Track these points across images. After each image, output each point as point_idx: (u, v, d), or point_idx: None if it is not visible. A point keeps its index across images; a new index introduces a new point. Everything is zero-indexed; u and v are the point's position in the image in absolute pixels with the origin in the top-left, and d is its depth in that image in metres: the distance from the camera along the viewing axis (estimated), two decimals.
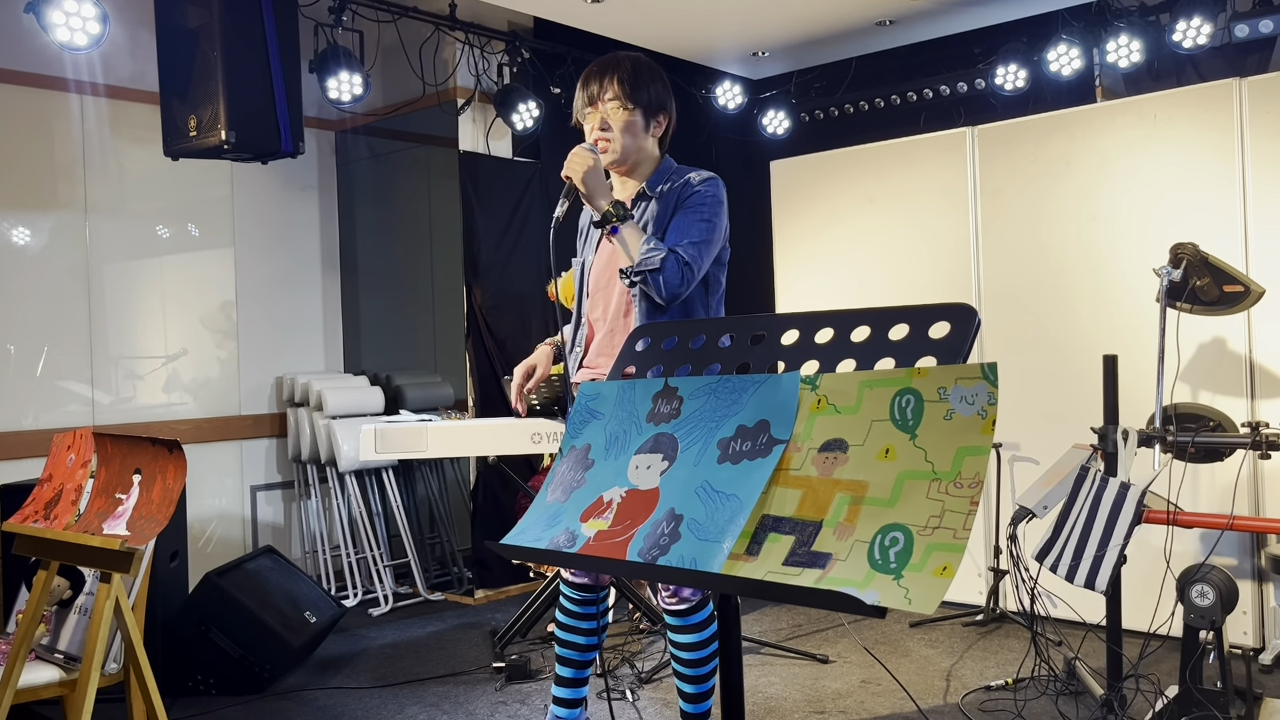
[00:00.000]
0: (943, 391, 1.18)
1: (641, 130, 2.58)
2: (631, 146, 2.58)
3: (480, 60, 5.11)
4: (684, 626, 2.61)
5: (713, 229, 2.50)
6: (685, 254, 2.44)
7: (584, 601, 2.75)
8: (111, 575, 2.39)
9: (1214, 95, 3.97)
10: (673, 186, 2.57)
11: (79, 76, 4.46)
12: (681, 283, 2.44)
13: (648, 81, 2.58)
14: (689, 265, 2.44)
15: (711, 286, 2.60)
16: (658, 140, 2.65)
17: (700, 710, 2.70)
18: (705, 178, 2.57)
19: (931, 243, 4.71)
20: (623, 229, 2.49)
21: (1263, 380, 3.85)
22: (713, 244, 2.51)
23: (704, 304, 2.60)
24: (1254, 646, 3.84)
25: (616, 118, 2.56)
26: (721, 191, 2.57)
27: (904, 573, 1.10)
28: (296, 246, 5.39)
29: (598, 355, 2.68)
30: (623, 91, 2.54)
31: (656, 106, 2.60)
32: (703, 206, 2.51)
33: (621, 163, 2.60)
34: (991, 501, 4.45)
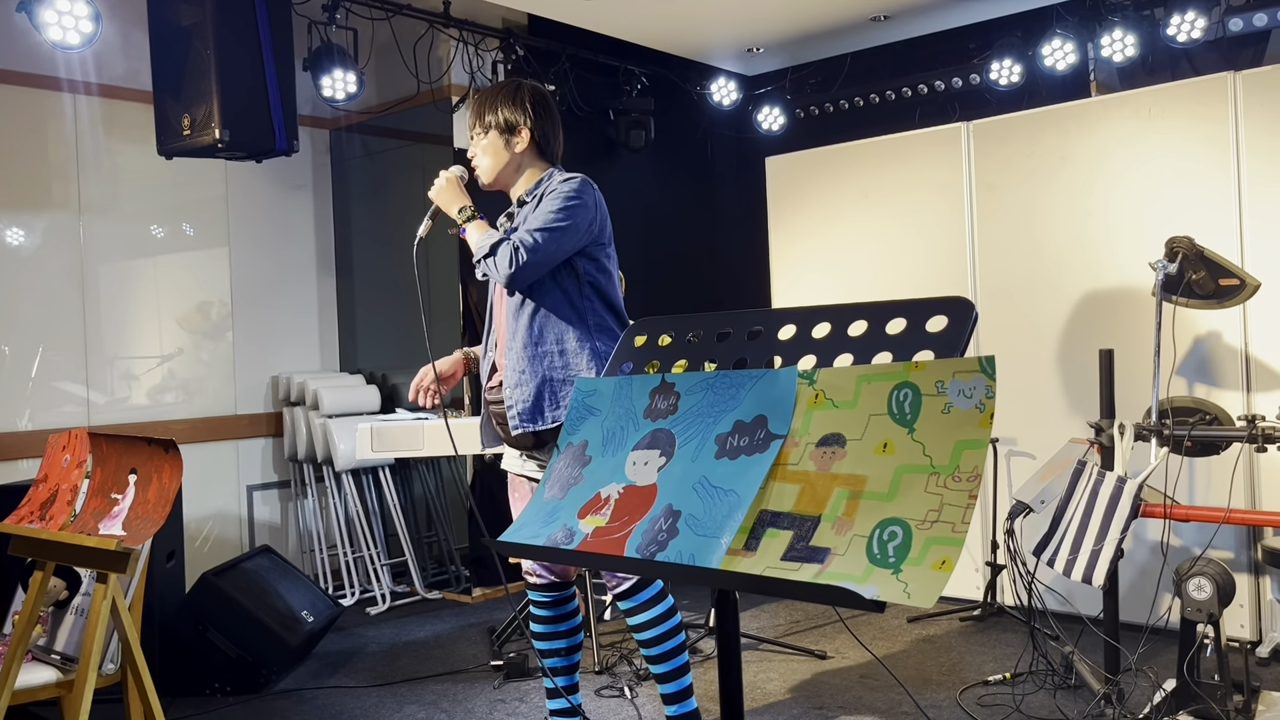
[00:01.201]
0: (940, 385, 1.18)
1: (501, 149, 2.73)
2: (494, 166, 2.74)
3: (475, 57, 5.10)
4: (633, 607, 2.68)
5: (561, 218, 2.59)
6: (519, 238, 2.56)
7: (554, 603, 2.78)
8: (108, 575, 2.38)
9: (1209, 89, 3.97)
10: (544, 189, 2.70)
11: (72, 75, 4.45)
12: (512, 265, 2.55)
13: (497, 105, 2.72)
14: (519, 249, 2.54)
15: (584, 279, 2.67)
16: (530, 154, 2.75)
17: (676, 689, 2.72)
18: (567, 177, 2.68)
19: (927, 238, 4.71)
20: (468, 227, 2.69)
21: (1259, 373, 3.85)
22: (563, 232, 2.58)
23: (578, 294, 2.67)
24: (1251, 639, 3.85)
25: (476, 144, 2.76)
26: (582, 188, 2.65)
27: (903, 567, 1.10)
28: (291, 245, 5.38)
29: (501, 355, 2.77)
30: (476, 120, 2.75)
31: (509, 125, 2.72)
32: (555, 198, 2.62)
33: (494, 182, 2.77)
34: (989, 496, 4.45)
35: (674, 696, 2.73)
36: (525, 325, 2.65)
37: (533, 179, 2.74)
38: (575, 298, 2.67)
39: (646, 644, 2.70)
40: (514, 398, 2.65)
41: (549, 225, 2.58)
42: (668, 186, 6.10)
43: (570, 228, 2.60)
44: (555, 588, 2.78)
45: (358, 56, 4.71)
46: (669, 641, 2.70)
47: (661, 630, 2.69)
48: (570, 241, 2.61)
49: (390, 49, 4.99)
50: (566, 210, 2.60)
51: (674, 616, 2.71)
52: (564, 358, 2.63)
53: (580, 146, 5.51)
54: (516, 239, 2.57)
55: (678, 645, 2.71)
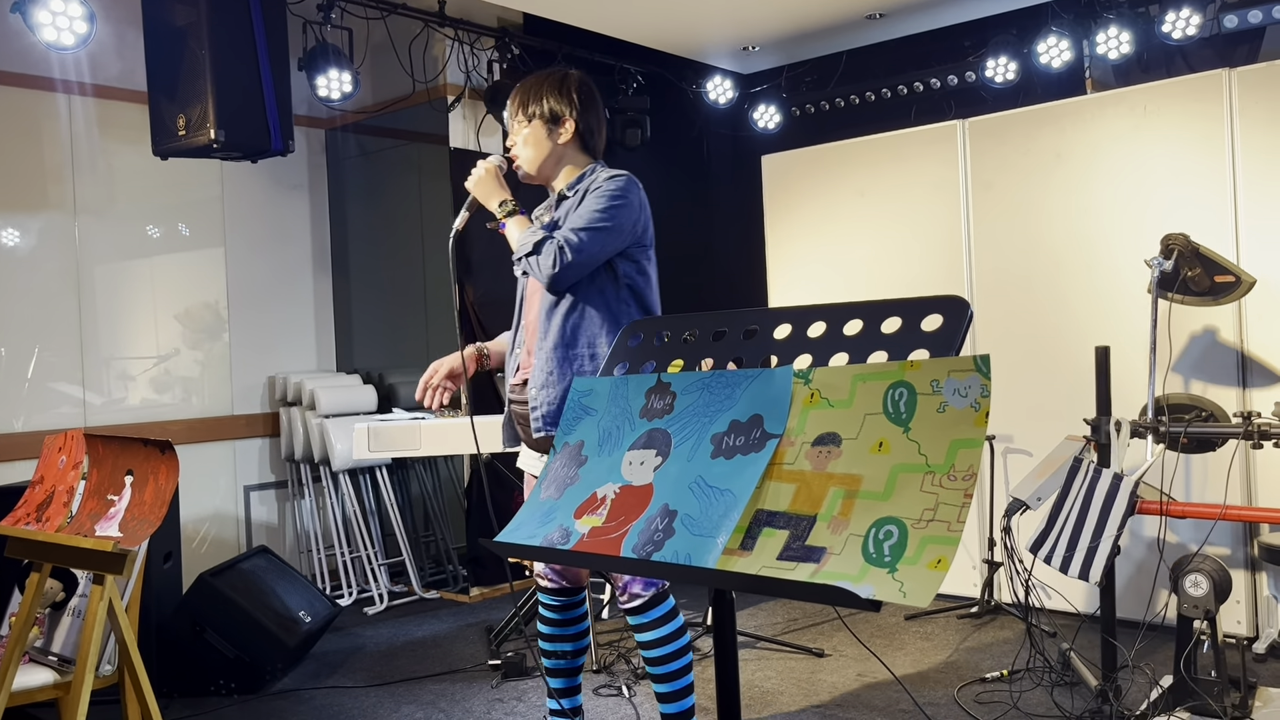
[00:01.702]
0: (935, 384, 1.18)
1: (544, 139, 2.65)
2: (536, 157, 2.66)
3: (470, 57, 5.10)
4: (642, 624, 2.60)
5: (605, 218, 2.51)
6: (563, 237, 2.48)
7: (563, 607, 2.73)
8: (104, 577, 2.38)
9: (1203, 86, 3.97)
10: (587, 184, 2.63)
11: (66, 76, 4.44)
12: (556, 265, 2.46)
13: (542, 94, 2.65)
14: (564, 248, 2.46)
15: (623, 281, 2.60)
16: (574, 147, 2.68)
17: (678, 710, 2.64)
18: (612, 174, 2.61)
19: (923, 236, 4.71)
20: (509, 223, 2.59)
21: (1254, 370, 3.86)
22: (607, 232, 2.51)
23: (615, 296, 2.59)
24: (1248, 635, 3.85)
25: (517, 133, 2.68)
26: (628, 187, 2.58)
27: (898, 566, 1.10)
28: (287, 245, 5.38)
29: (528, 354, 2.70)
30: (519, 109, 2.66)
31: (554, 116, 2.65)
32: (600, 198, 2.54)
33: (535, 175, 2.69)
34: (985, 494, 4.45)
35: (674, 717, 2.66)
36: (558, 326, 2.57)
37: (574, 173, 2.67)
38: (612, 300, 2.59)
39: (654, 661, 2.62)
40: (539, 399, 2.57)
41: (593, 225, 2.50)
42: (664, 185, 6.08)
43: (614, 228, 2.52)
44: (565, 593, 2.72)
45: (353, 56, 4.71)
46: (677, 661, 2.62)
47: (670, 649, 2.61)
48: (614, 242, 2.53)
49: (385, 48, 4.98)
50: (611, 210, 2.52)
51: (683, 636, 2.64)
52: (595, 362, 2.55)
53: None
54: (561, 238, 2.48)
55: (685, 666, 2.63)
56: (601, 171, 2.64)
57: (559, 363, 2.56)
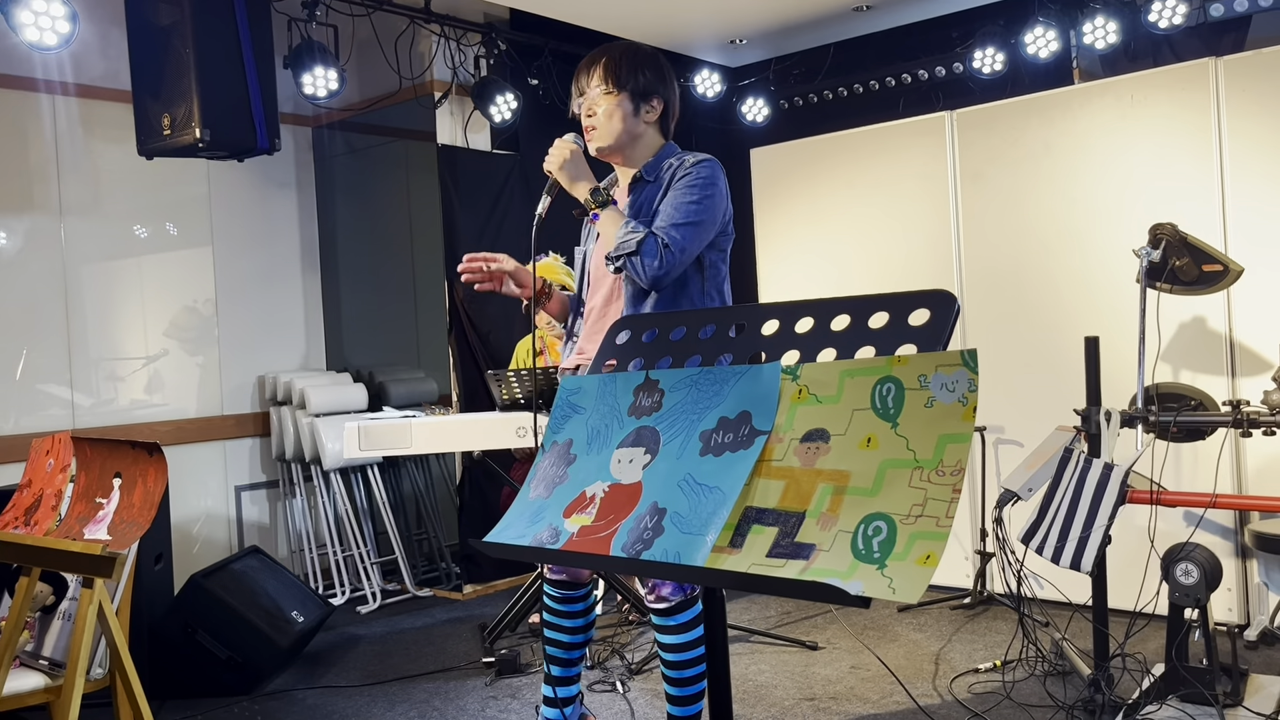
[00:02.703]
0: (923, 379, 1.18)
1: (630, 115, 2.52)
2: (619, 132, 2.52)
3: (457, 53, 5.08)
4: (667, 626, 2.56)
5: (701, 210, 2.42)
6: (665, 236, 2.38)
7: (566, 599, 2.71)
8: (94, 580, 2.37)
9: (1190, 75, 3.98)
10: (669, 169, 2.52)
11: (49, 76, 4.41)
12: (661, 265, 2.37)
13: (634, 67, 2.52)
14: (668, 248, 2.37)
15: (708, 272, 2.52)
16: (654, 126, 2.58)
17: (687, 713, 2.61)
18: (699, 160, 2.49)
19: (913, 228, 4.71)
20: (602, 215, 2.47)
21: (1243, 358, 3.87)
22: (701, 226, 2.42)
23: (700, 289, 2.51)
24: (1239, 623, 3.87)
25: (602, 104, 2.52)
26: (716, 173, 2.49)
27: (888, 562, 1.10)
28: (276, 244, 5.36)
29: (587, 341, 2.62)
30: (607, 78, 2.51)
31: (646, 91, 2.53)
32: (691, 188, 2.44)
33: (613, 150, 2.55)
34: (977, 485, 4.46)
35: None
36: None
37: (649, 153, 2.57)
38: (696, 293, 2.50)
39: (672, 665, 2.57)
40: None
41: (690, 219, 2.40)
42: None
43: (709, 221, 2.44)
44: (567, 586, 2.70)
45: (339, 53, 4.69)
46: (695, 668, 2.57)
47: (691, 655, 2.57)
48: (708, 236, 2.45)
49: (371, 45, 4.96)
50: (704, 201, 2.42)
51: (704, 644, 2.57)
52: None
53: None
54: (664, 237, 2.37)
55: (702, 673, 2.57)
56: (685, 156, 2.53)
57: None
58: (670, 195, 2.46)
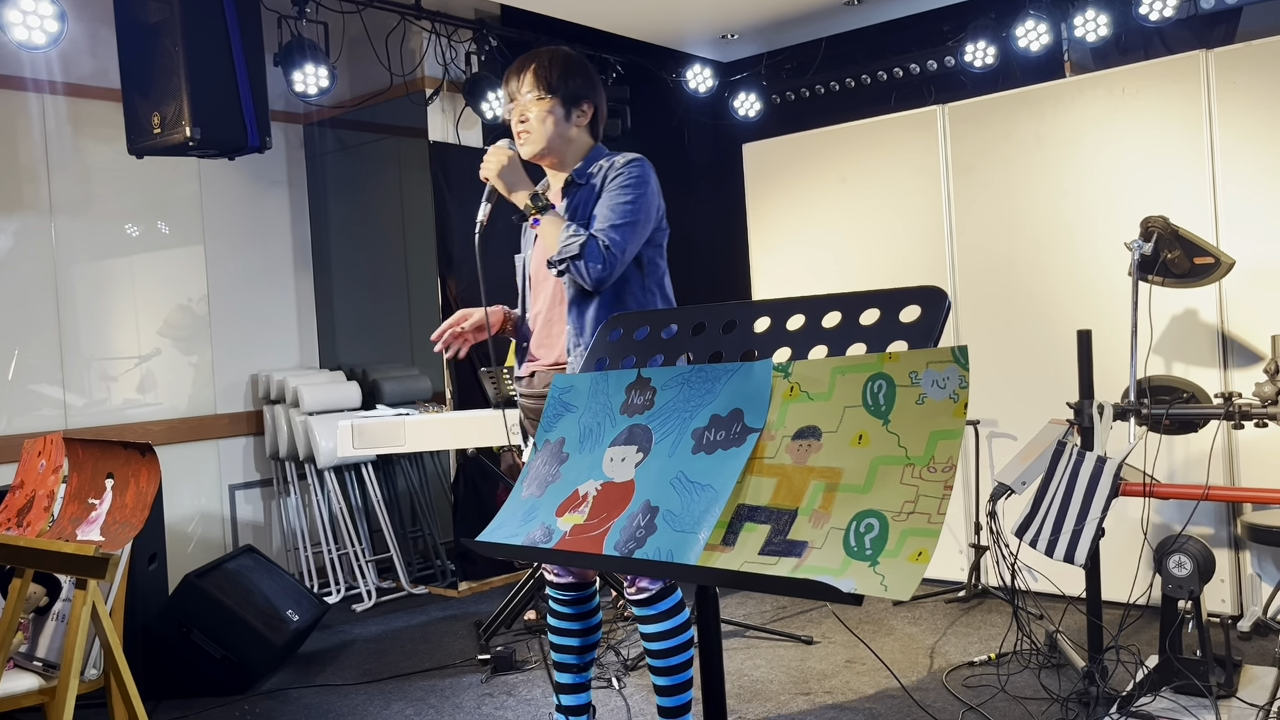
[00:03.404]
0: (914, 376, 1.18)
1: (562, 120, 2.56)
2: (552, 136, 2.55)
3: (447, 49, 5.07)
4: (648, 616, 2.58)
5: (635, 209, 2.46)
6: (605, 238, 2.41)
7: (572, 601, 2.69)
8: (87, 581, 2.36)
9: (1181, 67, 3.98)
10: (600, 171, 2.55)
11: (38, 75, 4.39)
12: (604, 266, 2.40)
13: (565, 72, 2.56)
14: (609, 249, 2.40)
15: (647, 269, 2.56)
16: (585, 129, 2.62)
17: (676, 703, 2.63)
18: (630, 159, 2.53)
19: (905, 222, 4.71)
20: (543, 220, 2.49)
21: (1235, 351, 3.88)
22: (637, 225, 2.46)
23: (641, 287, 2.55)
24: (1232, 614, 3.88)
25: (535, 109, 2.55)
26: (647, 171, 2.52)
27: (880, 559, 1.10)
28: (268, 242, 5.34)
29: (538, 347, 2.66)
30: (539, 83, 2.54)
31: (577, 96, 2.57)
32: (625, 188, 2.47)
33: (546, 154, 2.58)
34: (971, 478, 4.47)
35: (671, 711, 2.64)
36: (592, 323, 2.49)
37: (580, 156, 2.60)
38: (637, 290, 2.54)
39: (656, 654, 2.59)
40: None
41: (626, 219, 2.43)
42: None
43: (644, 220, 2.48)
44: (573, 588, 2.68)
45: (329, 50, 4.67)
46: (680, 655, 2.60)
47: (675, 643, 2.59)
48: (644, 233, 2.49)
49: (362, 42, 4.95)
50: (638, 200, 2.46)
51: (688, 631, 2.61)
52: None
53: None
54: (604, 239, 2.40)
55: (686, 660, 2.61)
56: (615, 156, 2.57)
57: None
58: (605, 197, 2.49)
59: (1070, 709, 3.05)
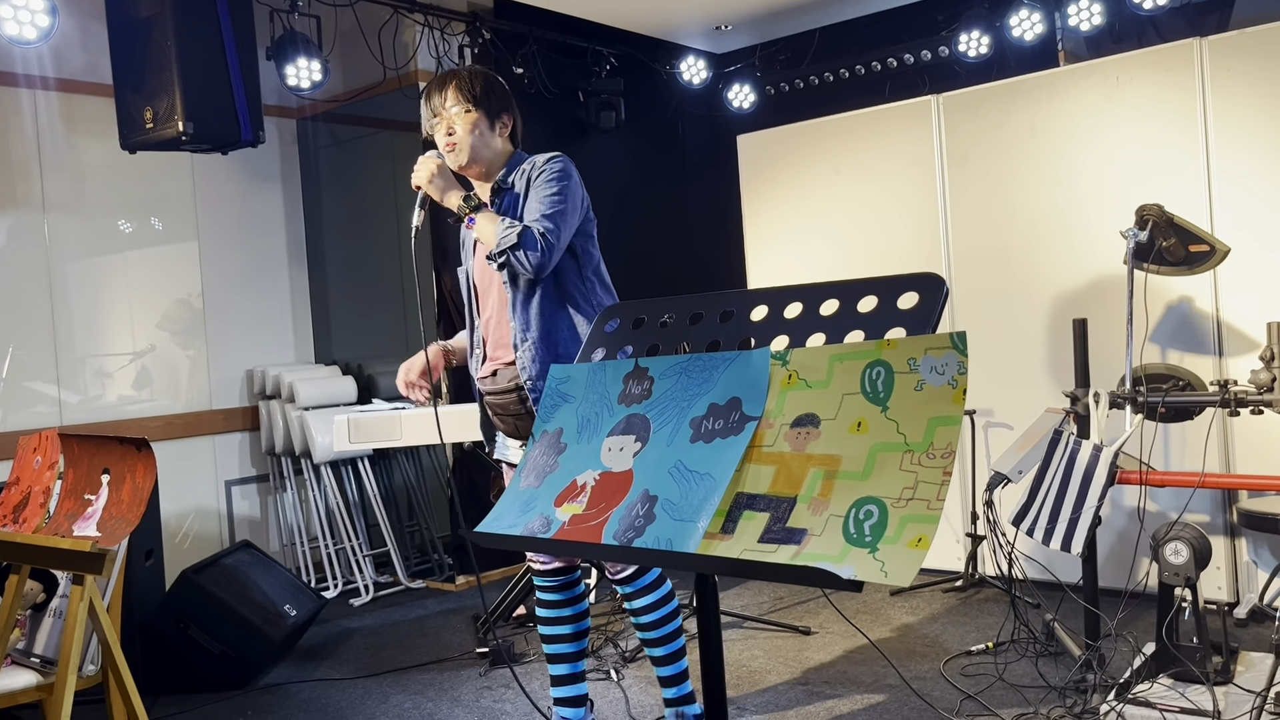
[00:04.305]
0: (913, 363, 1.18)
1: (488, 130, 2.68)
2: (480, 146, 2.67)
3: (441, 42, 5.05)
4: (634, 592, 2.70)
5: (562, 199, 2.57)
6: (540, 226, 2.53)
7: (560, 588, 2.76)
8: (84, 577, 2.36)
9: (1175, 55, 3.98)
10: (523, 173, 2.67)
11: (29, 71, 4.37)
12: (541, 252, 2.51)
13: (487, 88, 2.69)
14: (545, 235, 2.52)
15: (583, 259, 2.67)
16: (506, 139, 2.74)
17: (675, 672, 2.76)
18: (550, 157, 2.66)
19: (901, 212, 4.71)
20: (478, 218, 2.60)
21: (1230, 338, 3.88)
22: (566, 213, 2.58)
23: (579, 276, 2.67)
24: (1229, 601, 3.89)
25: (460, 122, 2.66)
26: (568, 165, 2.65)
27: (879, 546, 1.10)
28: (262, 237, 5.33)
29: (495, 348, 2.74)
30: (464, 97, 2.66)
31: (499, 109, 2.70)
32: (550, 182, 2.59)
33: (473, 163, 2.68)
34: (967, 468, 4.47)
35: (671, 680, 2.78)
36: (537, 317, 2.61)
37: (503, 165, 2.72)
38: (577, 280, 2.66)
39: (644, 628, 2.73)
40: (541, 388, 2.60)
41: (556, 208, 2.56)
42: (639, 167, 6.07)
43: (571, 208, 2.60)
44: (559, 573, 2.76)
45: (321, 44, 4.65)
46: (667, 626, 2.73)
47: (660, 615, 2.72)
48: (574, 221, 2.62)
49: (354, 35, 4.93)
50: (563, 190, 2.58)
51: (672, 601, 2.75)
52: (579, 342, 2.61)
53: (550, 129, 5.47)
54: (538, 225, 2.53)
55: (675, 630, 2.75)
56: (536, 157, 2.69)
57: (548, 350, 2.60)
58: (532, 193, 2.61)
59: (1068, 697, 3.05)
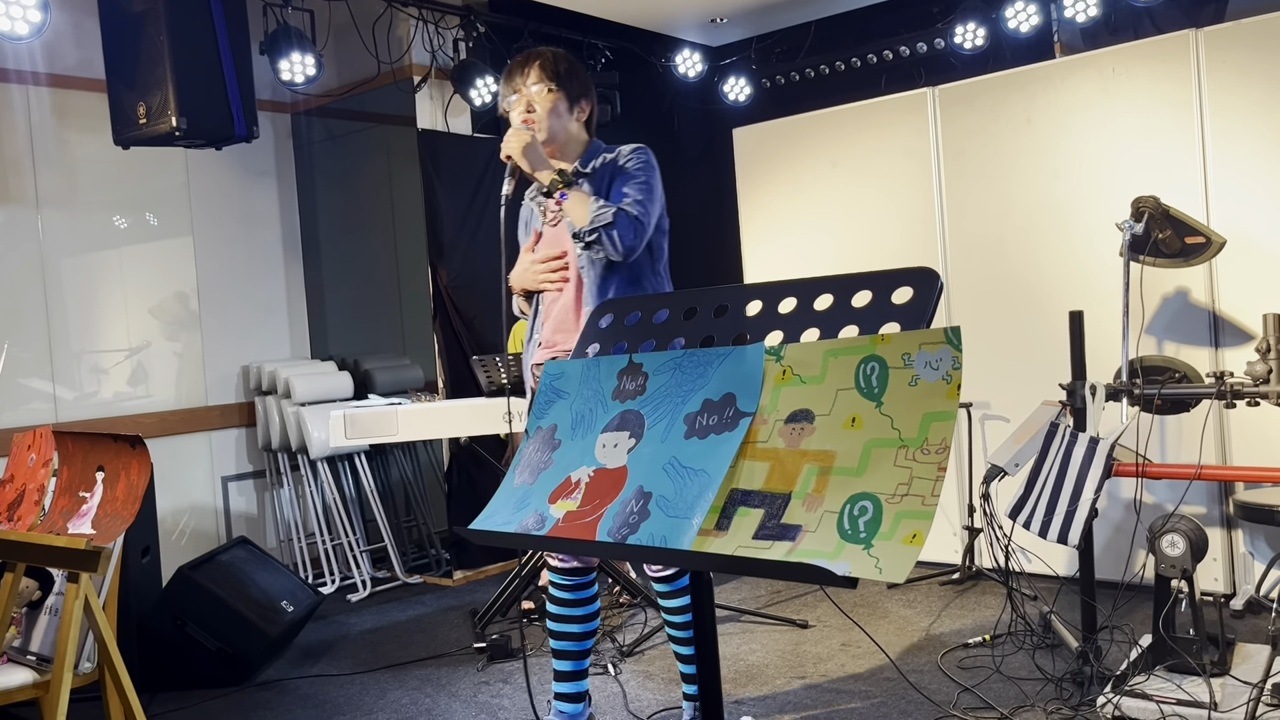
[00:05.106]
0: (907, 358, 1.17)
1: (566, 113, 2.69)
2: (557, 127, 2.68)
3: (435, 36, 5.04)
4: (672, 592, 2.71)
5: (650, 190, 2.61)
6: (634, 210, 2.55)
7: (574, 588, 2.75)
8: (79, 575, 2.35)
9: (1171, 47, 3.97)
10: (605, 162, 2.68)
11: (21, 66, 4.35)
12: (635, 236, 2.53)
13: (570, 70, 2.70)
14: (639, 220, 2.54)
15: (655, 254, 2.70)
16: (583, 125, 2.75)
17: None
18: (634, 148, 2.68)
19: (896, 205, 4.70)
20: (570, 194, 2.60)
21: (1226, 330, 3.88)
22: (654, 203, 2.61)
23: (653, 271, 2.70)
24: (1225, 593, 3.90)
25: (542, 101, 2.67)
26: (652, 159, 2.68)
27: (874, 542, 1.09)
28: (257, 232, 5.31)
29: (555, 332, 2.74)
30: (545, 75, 2.66)
31: (579, 93, 2.71)
32: (638, 171, 2.62)
33: (549, 142, 2.69)
34: (964, 461, 4.47)
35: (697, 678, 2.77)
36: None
37: (580, 150, 2.73)
38: (649, 274, 2.68)
39: (678, 626, 2.76)
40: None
41: (647, 196, 2.58)
42: None
43: (656, 200, 2.63)
44: (575, 573, 2.75)
45: (315, 38, 4.64)
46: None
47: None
48: (657, 212, 2.64)
49: (348, 30, 4.91)
50: (650, 182, 2.62)
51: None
52: None
53: None
54: (633, 209, 2.55)
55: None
56: (617, 147, 2.70)
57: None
58: (619, 180, 2.63)
59: (1065, 689, 3.06)
